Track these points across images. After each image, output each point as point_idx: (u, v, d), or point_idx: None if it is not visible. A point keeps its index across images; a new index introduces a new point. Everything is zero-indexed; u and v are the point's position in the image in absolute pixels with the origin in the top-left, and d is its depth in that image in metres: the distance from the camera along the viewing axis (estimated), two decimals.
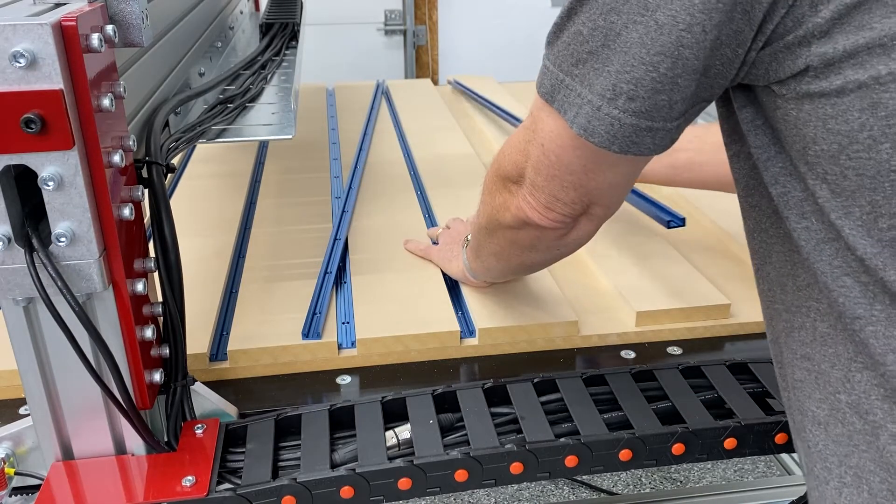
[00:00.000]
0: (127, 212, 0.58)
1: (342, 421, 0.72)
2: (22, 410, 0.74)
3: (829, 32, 0.44)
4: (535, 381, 0.75)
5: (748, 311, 0.89)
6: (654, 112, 0.49)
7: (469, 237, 0.86)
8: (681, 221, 0.91)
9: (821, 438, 0.54)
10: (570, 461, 0.68)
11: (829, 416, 0.53)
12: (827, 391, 0.53)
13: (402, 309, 0.87)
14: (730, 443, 0.70)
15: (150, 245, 0.66)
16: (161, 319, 0.67)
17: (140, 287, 0.62)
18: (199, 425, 0.69)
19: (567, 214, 0.61)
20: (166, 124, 0.74)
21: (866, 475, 0.51)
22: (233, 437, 0.70)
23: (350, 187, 1.20)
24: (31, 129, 0.51)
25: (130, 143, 0.61)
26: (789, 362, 0.57)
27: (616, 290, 0.91)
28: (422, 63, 3.20)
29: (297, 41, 1.20)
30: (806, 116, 0.47)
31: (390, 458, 0.66)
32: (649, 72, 0.47)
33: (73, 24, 0.51)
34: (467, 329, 0.85)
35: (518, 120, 1.44)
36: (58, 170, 0.53)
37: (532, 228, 0.64)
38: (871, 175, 0.45)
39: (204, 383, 0.72)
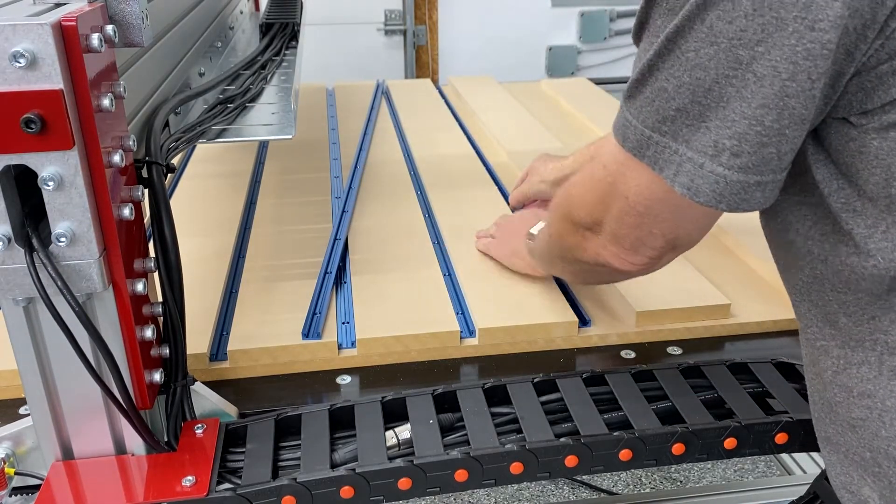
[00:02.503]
0: (127, 212, 0.58)
1: (342, 421, 0.72)
2: (22, 410, 0.74)
3: None
4: (535, 381, 0.75)
5: (748, 311, 0.89)
6: (762, 166, 0.47)
7: (535, 232, 0.85)
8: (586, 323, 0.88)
9: None
10: (570, 461, 0.68)
11: None
12: None
13: (402, 309, 0.87)
14: (730, 443, 0.70)
15: (150, 245, 0.66)
16: (161, 319, 0.67)
17: (140, 287, 0.62)
18: (199, 425, 0.69)
19: (651, 257, 0.60)
20: (166, 124, 0.74)
21: None
22: (233, 437, 0.70)
23: (350, 187, 1.19)
24: (31, 129, 0.51)
25: (130, 143, 0.61)
26: (844, 400, 0.54)
27: (616, 290, 0.91)
28: (422, 63, 3.20)
29: (297, 41, 1.20)
30: (891, 145, 0.45)
31: (390, 458, 0.66)
32: (753, 126, 0.45)
33: (73, 24, 0.51)
34: (467, 329, 0.85)
35: None
36: (58, 170, 0.53)
37: (612, 269, 0.63)
38: None
39: (204, 383, 0.72)
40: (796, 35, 0.42)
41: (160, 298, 0.66)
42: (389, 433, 0.70)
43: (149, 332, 0.63)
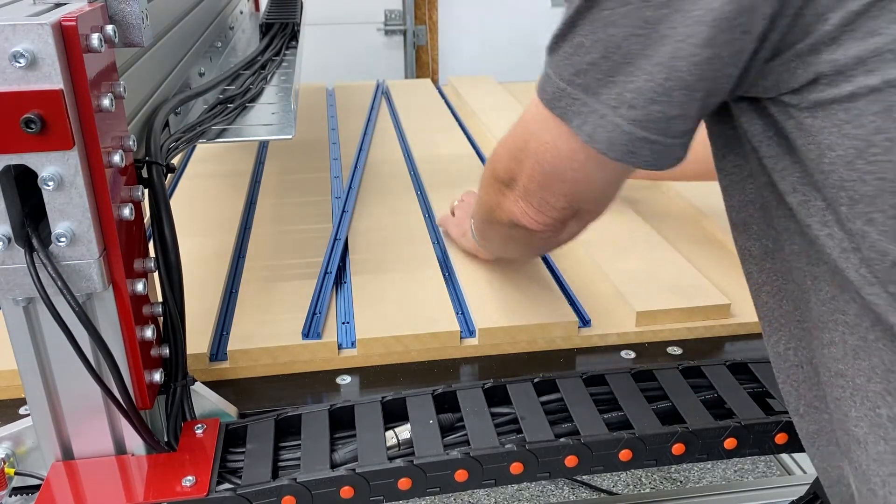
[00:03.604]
0: (127, 212, 0.58)
1: (342, 421, 0.72)
2: (22, 410, 0.74)
3: (839, 39, 0.44)
4: (535, 381, 0.75)
5: (748, 311, 0.89)
6: (650, 123, 0.50)
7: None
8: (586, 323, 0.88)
9: (863, 459, 0.52)
10: (570, 461, 0.68)
11: (867, 433, 0.51)
12: (865, 407, 0.51)
13: (402, 309, 0.87)
14: (730, 443, 0.70)
15: (150, 245, 0.66)
16: (161, 319, 0.67)
17: (140, 287, 0.62)
18: (199, 425, 0.69)
19: (556, 219, 0.63)
20: (166, 124, 0.74)
21: None
22: (233, 437, 0.70)
23: (350, 187, 1.20)
24: (31, 129, 0.51)
25: (130, 143, 0.61)
26: (827, 381, 0.55)
27: (616, 290, 0.91)
28: (422, 63, 3.20)
29: (297, 41, 1.20)
30: (821, 123, 0.47)
31: (390, 458, 0.66)
32: (648, 82, 0.48)
33: (73, 24, 0.51)
34: (467, 329, 0.85)
35: None
36: (58, 170, 0.53)
37: (522, 229, 0.66)
38: (891, 178, 0.44)
39: (204, 383, 0.72)
40: (692, 2, 0.46)
41: (160, 298, 0.66)
42: (389, 433, 0.70)
43: (149, 332, 0.63)
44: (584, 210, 0.63)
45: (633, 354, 0.84)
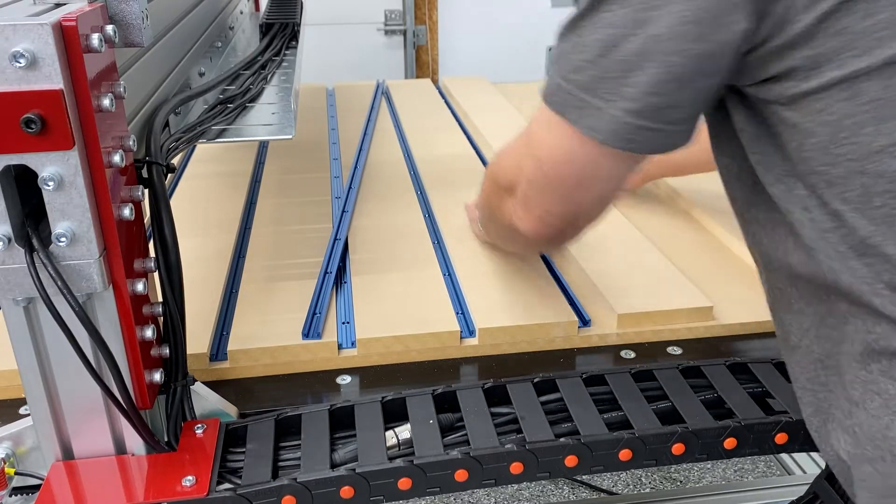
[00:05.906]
0: (127, 212, 0.58)
1: (342, 421, 0.72)
2: (22, 410, 0.74)
3: (812, 37, 0.49)
4: (535, 381, 0.75)
5: (747, 311, 0.89)
6: (648, 113, 0.53)
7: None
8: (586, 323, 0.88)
9: (864, 419, 0.55)
10: (570, 461, 0.68)
11: (863, 393, 0.55)
12: (855, 369, 0.55)
13: (402, 309, 0.87)
14: (729, 443, 0.70)
15: (150, 245, 0.66)
16: (161, 319, 0.67)
17: (140, 287, 0.62)
18: (199, 425, 0.69)
19: (555, 227, 0.64)
20: (166, 124, 0.74)
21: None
22: (233, 437, 0.70)
23: (350, 187, 1.20)
24: (32, 129, 0.51)
25: (130, 143, 0.61)
26: (827, 352, 0.58)
27: (602, 293, 0.91)
28: (422, 63, 3.20)
29: (297, 41, 1.20)
30: (799, 115, 0.51)
31: (390, 458, 0.66)
32: (642, 76, 0.52)
33: (73, 24, 0.51)
34: (467, 329, 0.85)
35: None
36: (58, 170, 0.53)
37: (523, 234, 0.67)
38: (857, 158, 0.49)
39: (204, 383, 0.72)
40: (683, 3, 0.50)
41: (160, 298, 0.66)
42: (389, 433, 0.70)
43: (149, 332, 0.63)
44: (582, 215, 0.64)
45: (633, 354, 0.84)
